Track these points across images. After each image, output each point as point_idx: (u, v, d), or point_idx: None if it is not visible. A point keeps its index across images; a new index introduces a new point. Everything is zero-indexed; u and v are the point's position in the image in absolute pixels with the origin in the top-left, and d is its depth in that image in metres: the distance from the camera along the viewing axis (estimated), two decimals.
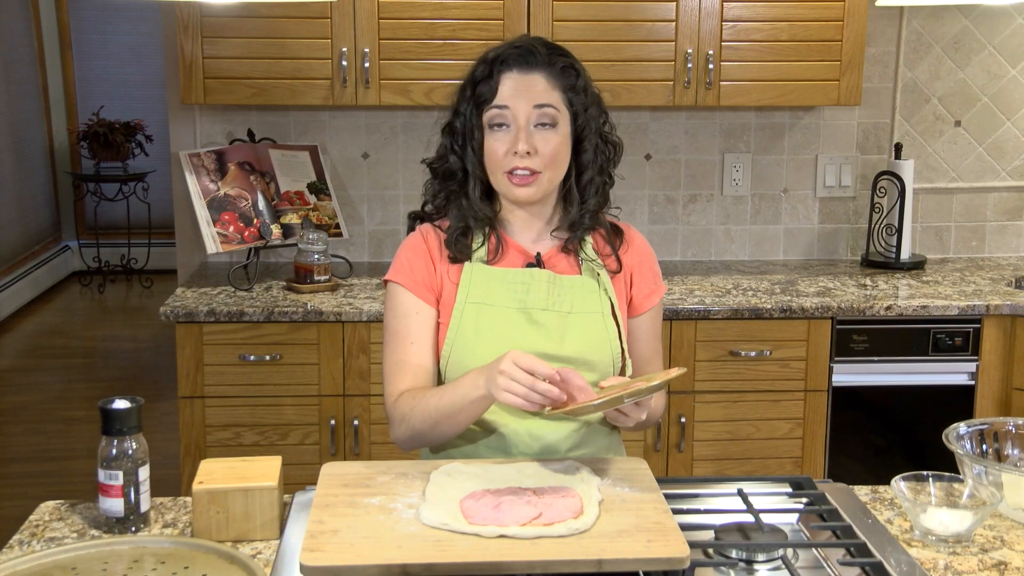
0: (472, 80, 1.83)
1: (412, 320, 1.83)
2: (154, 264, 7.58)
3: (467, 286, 1.83)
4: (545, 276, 1.83)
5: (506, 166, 1.78)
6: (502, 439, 1.81)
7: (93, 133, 7.16)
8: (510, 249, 1.87)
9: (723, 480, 1.86)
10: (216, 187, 3.18)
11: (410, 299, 1.83)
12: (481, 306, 1.81)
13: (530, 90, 1.78)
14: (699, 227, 3.66)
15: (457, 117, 1.85)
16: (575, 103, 1.81)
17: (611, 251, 1.88)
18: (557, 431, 1.80)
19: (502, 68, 1.80)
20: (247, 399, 3.02)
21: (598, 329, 1.83)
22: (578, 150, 1.83)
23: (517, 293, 1.82)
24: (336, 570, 1.38)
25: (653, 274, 1.94)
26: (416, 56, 3.14)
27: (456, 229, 1.84)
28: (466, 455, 1.83)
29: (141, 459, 1.61)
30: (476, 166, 1.83)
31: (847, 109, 3.62)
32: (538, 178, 1.78)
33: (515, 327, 1.80)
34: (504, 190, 1.82)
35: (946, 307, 3.09)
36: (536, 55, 1.80)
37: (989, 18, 3.61)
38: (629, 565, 1.40)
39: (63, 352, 6.11)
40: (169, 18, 3.38)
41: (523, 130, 1.77)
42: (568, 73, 1.81)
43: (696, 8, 3.16)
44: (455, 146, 1.84)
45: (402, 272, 1.85)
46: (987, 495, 1.64)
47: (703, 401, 3.11)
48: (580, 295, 1.84)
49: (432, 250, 1.86)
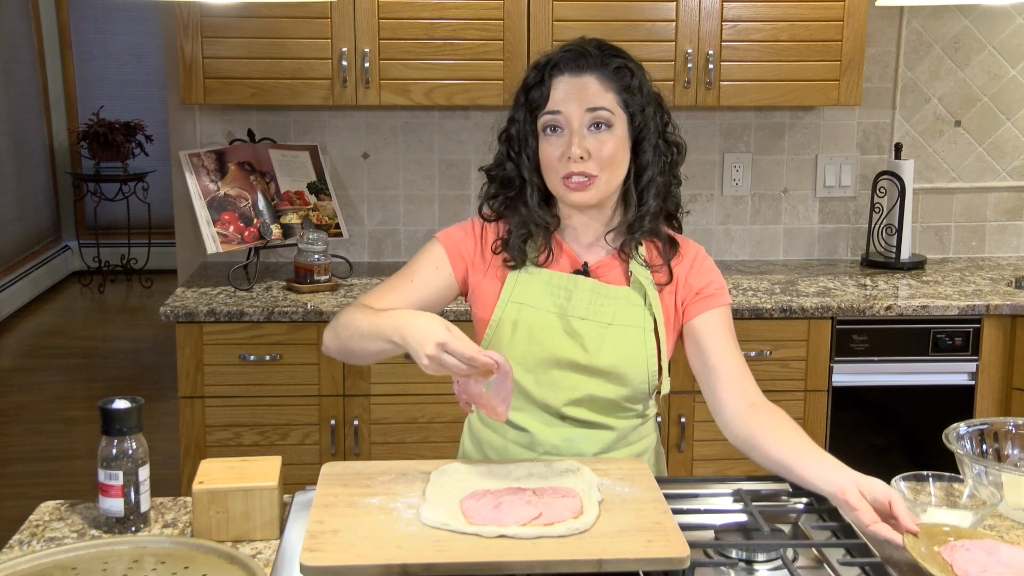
0: (525, 86, 1.80)
1: (429, 267, 1.84)
2: (154, 264, 7.59)
3: (512, 285, 1.82)
4: (589, 285, 1.81)
5: (561, 171, 1.75)
6: (530, 437, 1.83)
7: (93, 133, 7.17)
8: (562, 254, 1.84)
9: (723, 480, 1.86)
10: (216, 187, 3.18)
11: (440, 253, 1.84)
12: (522, 307, 1.80)
13: (582, 93, 1.74)
14: (699, 227, 3.66)
15: (512, 124, 1.82)
16: (631, 104, 1.76)
17: (663, 262, 1.83)
18: (585, 433, 1.81)
19: (553, 72, 1.76)
20: (247, 399, 3.02)
21: (636, 344, 1.80)
22: (637, 151, 1.79)
23: (559, 299, 1.80)
24: (336, 570, 1.38)
25: (717, 282, 1.86)
26: (416, 56, 3.14)
27: (519, 236, 1.82)
28: (497, 450, 1.85)
29: (141, 459, 1.61)
30: (532, 173, 1.80)
31: (847, 109, 3.62)
32: (594, 182, 1.75)
33: (551, 332, 1.79)
34: (561, 195, 1.79)
35: (946, 307, 3.09)
36: (588, 57, 1.76)
37: (989, 18, 3.61)
38: (629, 565, 1.40)
39: (63, 352, 6.11)
40: (169, 18, 3.38)
41: (576, 134, 1.74)
42: (622, 73, 1.77)
43: (696, 8, 3.16)
44: (511, 153, 1.82)
45: (449, 235, 1.87)
46: (987, 495, 1.64)
47: (703, 401, 3.09)
48: (623, 307, 1.81)
49: (485, 242, 1.85)
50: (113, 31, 7.83)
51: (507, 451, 1.85)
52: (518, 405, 1.82)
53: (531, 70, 1.81)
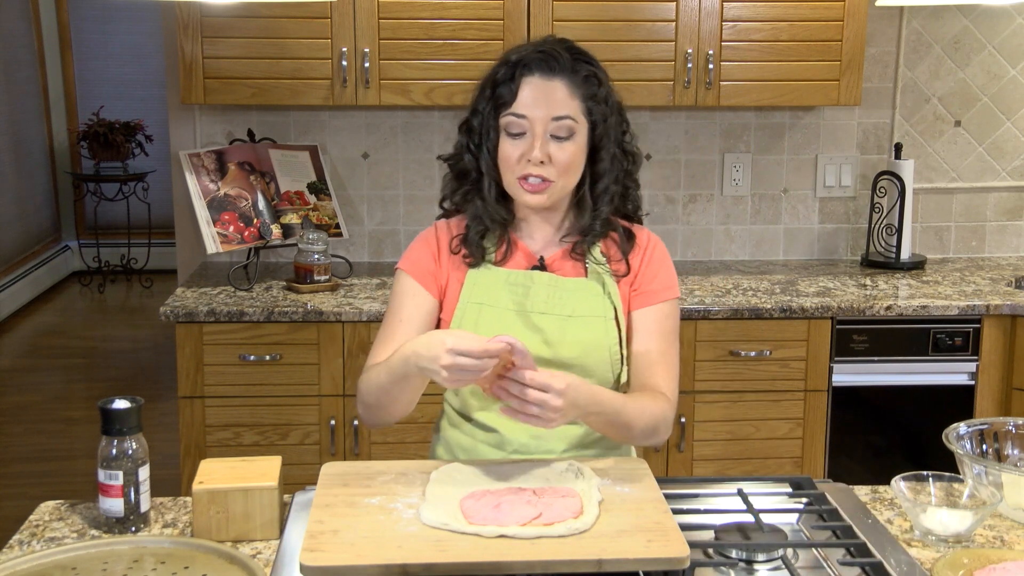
0: (493, 81, 1.80)
1: (407, 301, 1.84)
2: (154, 264, 7.59)
3: (471, 286, 1.83)
4: (546, 279, 1.83)
5: (519, 172, 1.77)
6: (499, 436, 1.82)
7: (93, 133, 7.17)
8: (518, 251, 1.86)
9: (723, 480, 1.86)
10: (216, 187, 3.18)
11: (410, 283, 1.85)
12: (482, 306, 1.82)
13: (549, 98, 1.75)
14: (699, 227, 3.66)
15: (475, 116, 1.82)
16: (595, 112, 1.78)
17: (621, 255, 1.86)
18: (554, 431, 1.80)
19: (523, 72, 1.77)
20: (247, 399, 3.02)
21: (598, 334, 1.81)
22: (594, 158, 1.81)
23: (517, 295, 1.82)
24: (336, 570, 1.38)
25: (664, 276, 1.88)
26: (416, 56, 3.14)
27: (476, 232, 1.83)
28: (467, 451, 1.85)
29: (141, 459, 1.61)
30: (491, 167, 1.81)
31: (847, 109, 3.62)
32: (550, 186, 1.77)
33: (512, 329, 1.79)
34: (515, 194, 1.80)
35: (946, 307, 3.09)
36: (559, 61, 1.77)
37: (989, 18, 3.61)
38: (629, 565, 1.40)
39: (63, 352, 6.11)
40: (169, 18, 3.38)
41: (539, 139, 1.75)
42: (590, 82, 1.78)
43: (696, 8, 3.16)
44: (471, 145, 1.83)
45: (408, 260, 1.87)
46: (987, 495, 1.64)
47: (703, 401, 3.11)
48: (582, 299, 1.82)
49: (441, 247, 1.87)
50: (113, 31, 7.83)
51: (476, 451, 1.85)
52: (485, 405, 1.84)
53: (501, 65, 1.80)
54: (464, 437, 1.87)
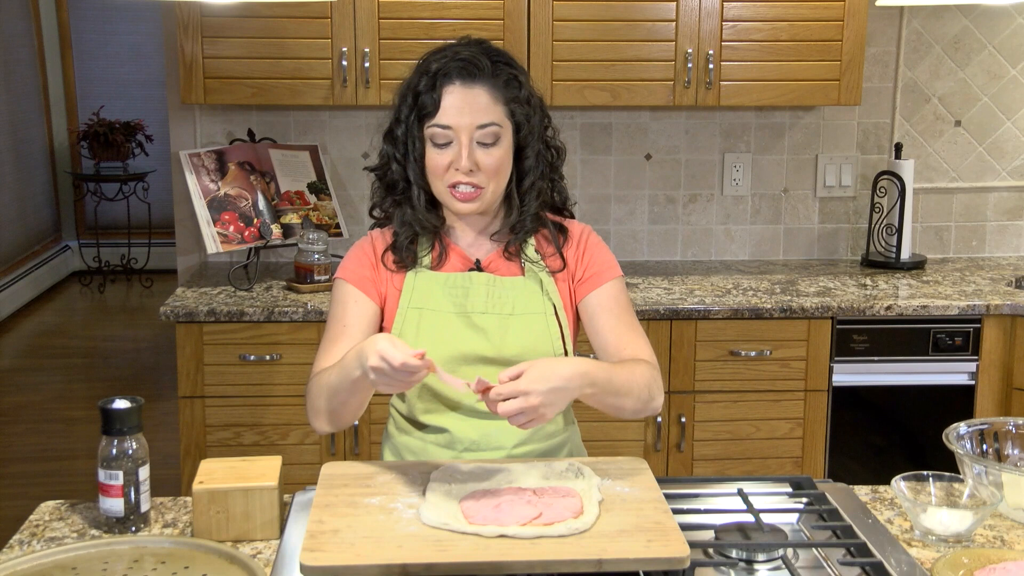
0: (414, 91, 1.81)
1: (349, 307, 1.84)
2: (154, 264, 7.59)
3: (410, 292, 1.84)
4: (484, 279, 1.84)
5: (448, 180, 1.78)
6: (449, 436, 1.83)
7: (93, 133, 7.17)
8: (452, 254, 1.87)
9: (723, 480, 1.86)
10: (216, 187, 3.18)
11: (350, 290, 1.85)
12: (422, 311, 1.82)
13: (473, 106, 1.76)
14: (699, 227, 3.66)
15: (398, 125, 1.83)
16: (518, 114, 1.80)
17: (555, 250, 1.87)
18: (501, 426, 1.80)
19: (444, 81, 1.77)
20: (247, 399, 3.02)
21: (540, 330, 1.83)
22: (520, 157, 1.83)
23: (457, 297, 1.83)
24: (336, 570, 1.38)
25: (602, 260, 1.88)
26: (416, 56, 3.08)
27: (405, 237, 1.84)
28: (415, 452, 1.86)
29: (141, 459, 1.61)
30: (419, 176, 1.82)
31: (847, 109, 3.62)
32: (481, 193, 1.78)
33: (454, 331, 1.81)
34: (447, 202, 1.81)
35: (946, 307, 3.09)
36: (480, 67, 1.77)
37: (989, 18, 3.61)
38: (629, 565, 1.40)
39: (63, 352, 6.11)
40: (169, 18, 3.38)
41: (466, 147, 1.76)
42: (512, 85, 1.80)
43: (696, 8, 3.16)
44: (397, 155, 1.83)
45: (346, 269, 1.87)
46: (987, 495, 1.64)
47: (703, 401, 3.11)
48: (521, 296, 1.84)
49: (378, 255, 1.87)
50: (113, 31, 7.83)
51: (426, 452, 1.85)
52: (432, 407, 1.84)
53: (420, 76, 1.80)
54: (412, 439, 1.88)
